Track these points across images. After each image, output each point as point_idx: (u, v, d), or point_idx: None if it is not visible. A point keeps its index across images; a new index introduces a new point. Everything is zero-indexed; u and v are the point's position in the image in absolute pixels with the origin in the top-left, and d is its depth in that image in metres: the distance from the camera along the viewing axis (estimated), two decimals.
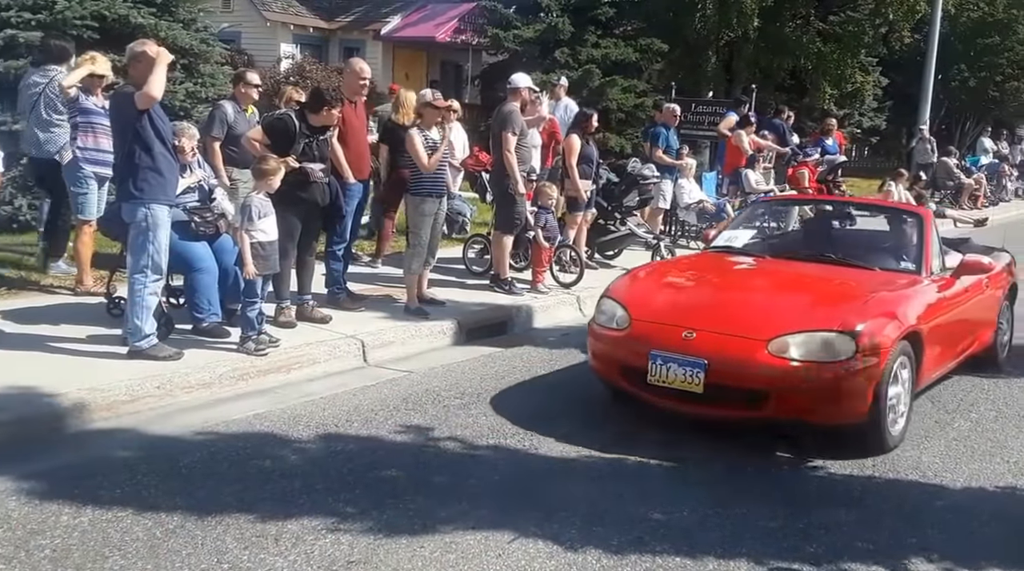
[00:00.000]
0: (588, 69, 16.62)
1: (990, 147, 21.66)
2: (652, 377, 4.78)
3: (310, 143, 6.13)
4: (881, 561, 3.64)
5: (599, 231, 9.52)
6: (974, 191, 18.81)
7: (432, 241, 7.09)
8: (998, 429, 5.35)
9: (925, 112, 21.08)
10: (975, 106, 27.24)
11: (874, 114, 25.24)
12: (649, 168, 9.71)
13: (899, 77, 23.84)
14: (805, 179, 13.62)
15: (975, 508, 4.24)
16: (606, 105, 16.28)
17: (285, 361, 5.69)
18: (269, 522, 3.71)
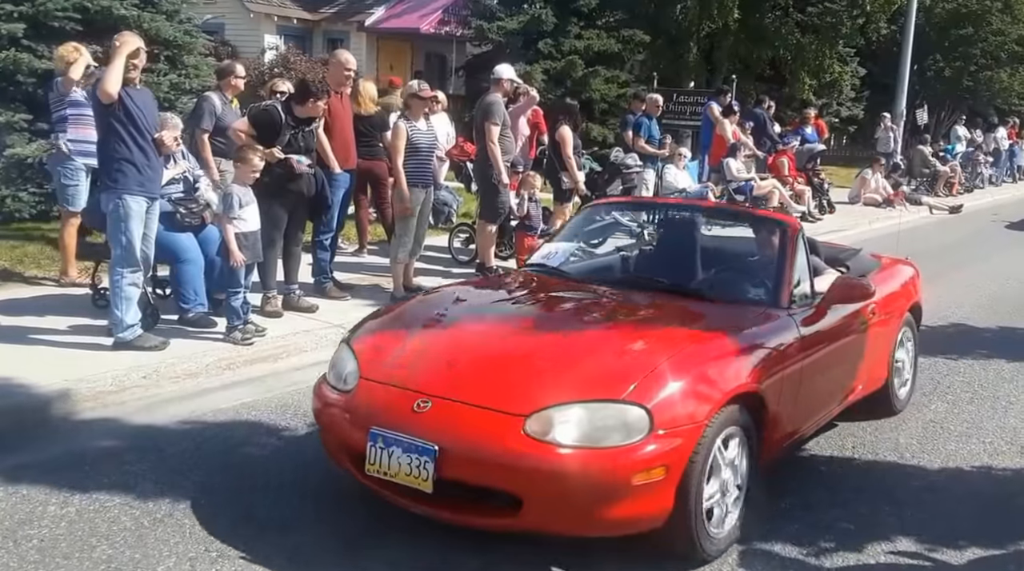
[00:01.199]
0: (571, 60, 16.66)
1: (964, 135, 21.92)
2: (370, 465, 3.38)
3: (296, 134, 6.14)
4: (860, 539, 3.73)
5: None
6: (949, 178, 19.03)
7: (419, 230, 7.13)
8: (973, 411, 5.46)
9: (901, 102, 21.29)
10: (950, 95, 27.52)
11: (852, 104, 25.44)
12: (632, 157, 9.79)
13: (876, 67, 24.04)
14: (785, 167, 13.76)
15: (952, 488, 4.34)
16: (589, 96, 16.33)
17: (272, 350, 5.71)
18: (259, 509, 3.74)
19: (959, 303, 8.48)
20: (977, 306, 8.48)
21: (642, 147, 10.76)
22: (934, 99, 27.62)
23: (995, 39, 25.85)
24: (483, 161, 7.83)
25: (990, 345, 7.02)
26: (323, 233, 6.98)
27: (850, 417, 5.14)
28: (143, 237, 5.39)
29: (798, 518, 3.90)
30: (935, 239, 12.75)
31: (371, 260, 8.44)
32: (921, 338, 7.09)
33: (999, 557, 3.66)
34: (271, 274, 6.33)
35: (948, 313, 8.11)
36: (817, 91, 22.40)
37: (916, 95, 24.77)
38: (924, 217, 16.15)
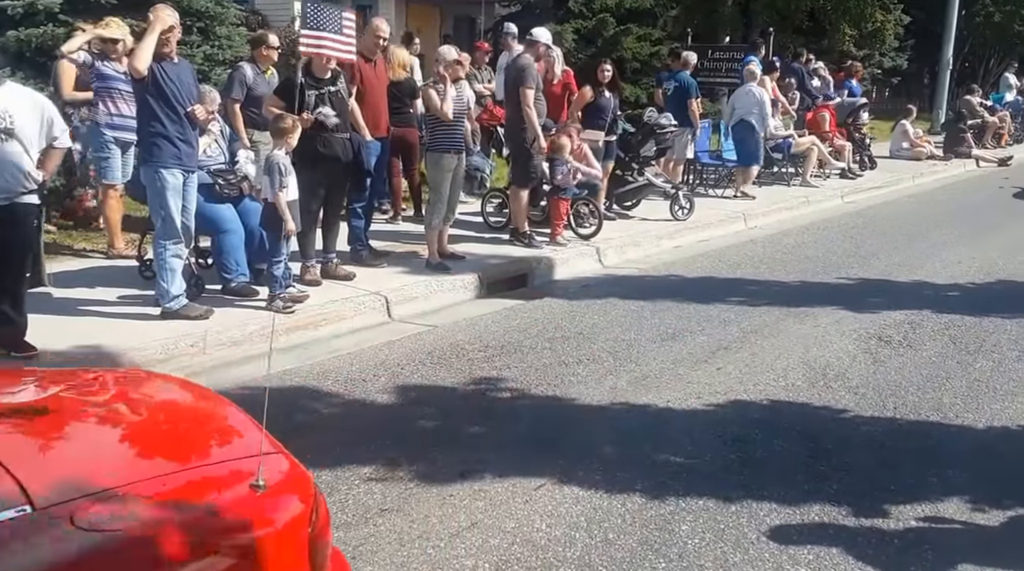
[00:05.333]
0: (602, 18, 16.39)
1: (1015, 84, 21.21)
2: None
3: (321, 96, 6.20)
4: (903, 500, 3.72)
5: (617, 182, 9.53)
6: (998, 129, 18.52)
7: (452, 197, 7.17)
8: (1021, 369, 5.37)
9: (948, 50, 20.66)
10: (1000, 42, 26.59)
11: (895, 54, 24.71)
12: (666, 117, 9.67)
13: (921, 14, 23.29)
14: (826, 123, 13.49)
15: (997, 448, 4.30)
16: (620, 54, 16.09)
17: (312, 318, 5.82)
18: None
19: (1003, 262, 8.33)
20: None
21: (694, 111, 10.72)
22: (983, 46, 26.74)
23: None
24: (515, 125, 7.79)
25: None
26: (358, 201, 7.05)
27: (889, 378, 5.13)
28: (183, 209, 5.52)
29: (838, 479, 3.90)
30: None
31: (406, 227, 8.51)
32: (965, 295, 7.07)
33: None
34: (310, 243, 6.42)
35: (994, 270, 7.99)
36: (858, 42, 21.81)
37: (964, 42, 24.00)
38: (970, 170, 15.78)
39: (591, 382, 5.03)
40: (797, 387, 5.01)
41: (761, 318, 6.34)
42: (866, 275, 7.77)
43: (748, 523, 3.51)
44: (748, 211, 10.35)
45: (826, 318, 6.35)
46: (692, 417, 4.59)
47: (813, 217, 10.82)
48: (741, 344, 5.75)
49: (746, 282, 7.48)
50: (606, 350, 5.59)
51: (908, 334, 6.01)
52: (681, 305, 6.63)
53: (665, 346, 5.69)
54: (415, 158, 8.55)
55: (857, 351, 5.65)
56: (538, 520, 3.50)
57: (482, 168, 9.61)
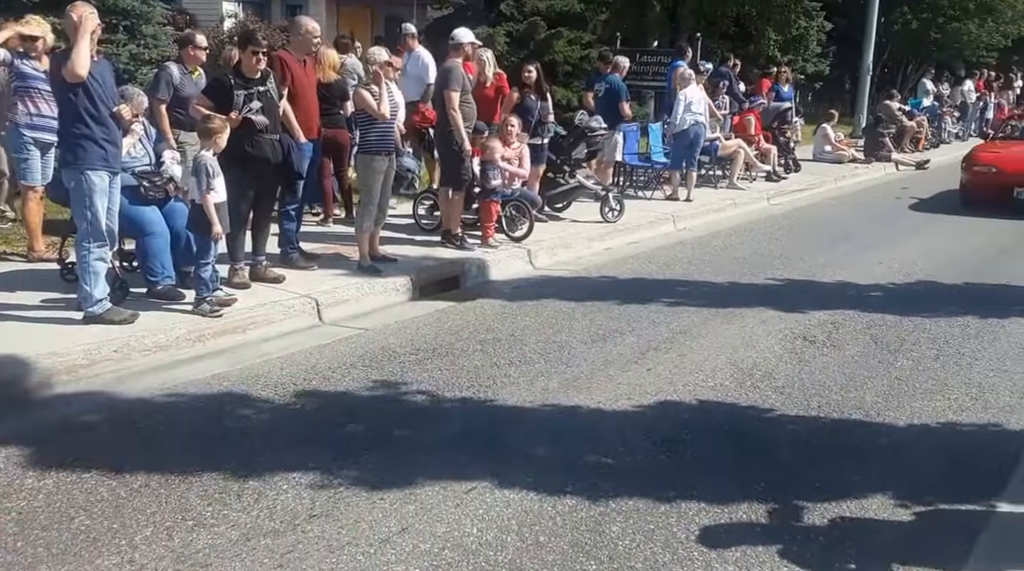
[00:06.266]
0: (533, 22, 16.48)
1: (931, 89, 22.04)
2: None
3: (249, 95, 6.11)
4: (827, 497, 3.80)
5: (548, 184, 9.60)
6: (916, 134, 19.20)
7: (383, 198, 7.13)
8: (939, 368, 5.55)
9: (868, 56, 21.36)
10: (917, 49, 27.58)
11: (818, 60, 25.44)
12: (596, 120, 9.78)
13: (843, 21, 24.02)
14: (751, 126, 13.82)
15: (917, 445, 4.43)
16: (552, 58, 16.20)
17: (241, 322, 5.72)
18: (231, 479, 3.79)
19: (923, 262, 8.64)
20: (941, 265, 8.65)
21: (627, 112, 10.88)
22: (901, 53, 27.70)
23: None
24: (444, 128, 7.80)
25: (956, 302, 7.14)
26: (290, 203, 6.96)
27: (813, 377, 5.29)
28: (107, 211, 5.36)
29: (765, 478, 3.98)
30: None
31: (337, 229, 8.43)
32: (886, 295, 7.32)
33: (963, 512, 3.76)
34: (239, 246, 6.32)
35: (913, 271, 8.29)
36: (783, 47, 22.37)
37: (883, 49, 24.83)
38: (891, 173, 16.35)
39: (522, 384, 5.05)
40: (725, 387, 5.12)
41: (690, 319, 6.45)
42: (792, 276, 7.98)
43: (677, 523, 3.57)
44: (677, 213, 10.53)
45: (753, 318, 6.50)
46: (622, 418, 4.64)
47: (740, 219, 11.07)
48: (670, 345, 5.84)
49: (675, 283, 7.61)
50: (537, 352, 5.62)
51: (832, 334, 6.18)
52: (611, 306, 6.71)
53: (596, 347, 5.74)
54: (345, 160, 8.47)
55: (783, 351, 5.79)
56: (469, 524, 3.50)
57: (412, 169, 9.57)
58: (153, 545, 3.29)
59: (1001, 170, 11.75)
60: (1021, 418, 4.77)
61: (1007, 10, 27.08)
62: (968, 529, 3.61)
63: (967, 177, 12.14)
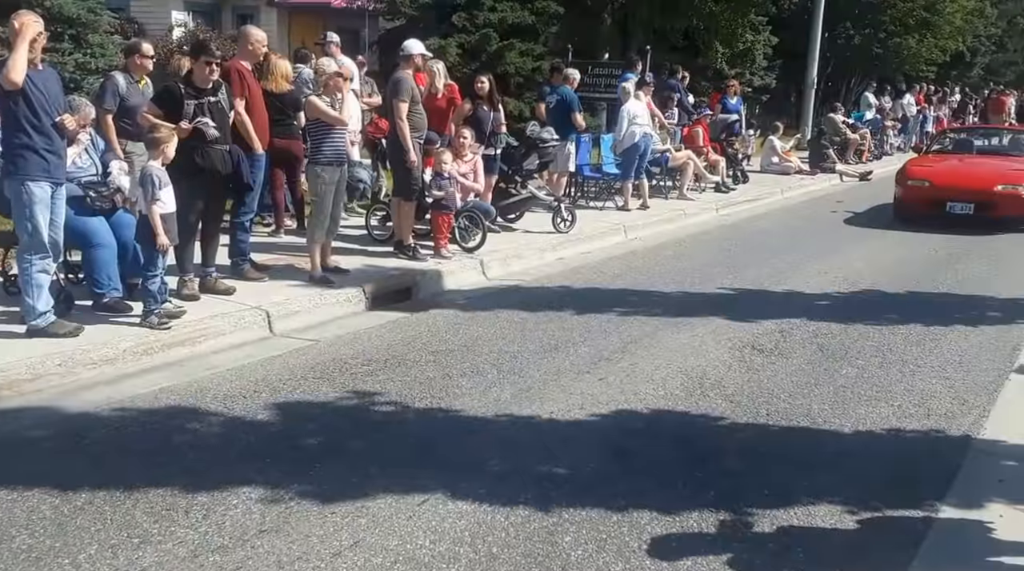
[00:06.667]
0: (485, 33, 16.54)
1: (874, 103, 22.65)
2: None
3: (200, 105, 6.04)
4: (776, 505, 3.86)
5: (501, 195, 9.63)
6: (859, 146, 19.68)
7: (334, 209, 7.10)
8: (882, 375, 5.67)
9: (813, 70, 21.91)
10: (859, 63, 28.31)
11: (765, 73, 25.96)
12: (548, 131, 9.85)
13: (788, 35, 24.55)
14: (700, 138, 14.05)
15: (863, 451, 4.51)
16: (504, 69, 16.27)
17: (189, 334, 5.64)
18: (179, 495, 3.72)
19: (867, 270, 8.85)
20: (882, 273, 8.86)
21: (580, 123, 10.98)
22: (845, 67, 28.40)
23: (903, 5, 26.53)
24: (394, 138, 7.80)
25: (899, 310, 7.31)
26: (242, 214, 6.89)
27: (762, 385, 5.38)
28: (51, 223, 5.26)
29: (715, 486, 4.03)
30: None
31: (289, 240, 8.35)
32: (832, 304, 7.48)
33: (908, 518, 3.83)
34: (188, 257, 6.25)
35: (858, 280, 8.48)
36: (730, 60, 22.78)
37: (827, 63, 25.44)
38: (835, 184, 16.72)
39: (475, 395, 5.05)
40: (676, 396, 5.18)
41: (641, 328, 6.52)
42: (740, 285, 8.12)
43: (630, 532, 3.60)
44: (628, 223, 10.64)
45: (703, 328, 6.59)
46: (575, 428, 4.67)
47: (690, 229, 11.23)
48: (622, 354, 5.90)
49: (627, 293, 7.69)
50: (490, 362, 5.63)
51: (780, 343, 6.30)
52: (564, 316, 6.75)
53: (548, 357, 5.77)
54: (298, 170, 8.41)
55: (732, 360, 5.88)
56: (422, 536, 3.49)
57: (364, 180, 9.54)
58: (97, 564, 3.22)
59: (933, 184, 11.81)
60: (962, 424, 4.90)
61: (945, 26, 27.98)
62: (912, 534, 3.70)
63: (901, 191, 12.21)
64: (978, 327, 6.84)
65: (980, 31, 32.82)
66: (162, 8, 20.60)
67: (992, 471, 4.34)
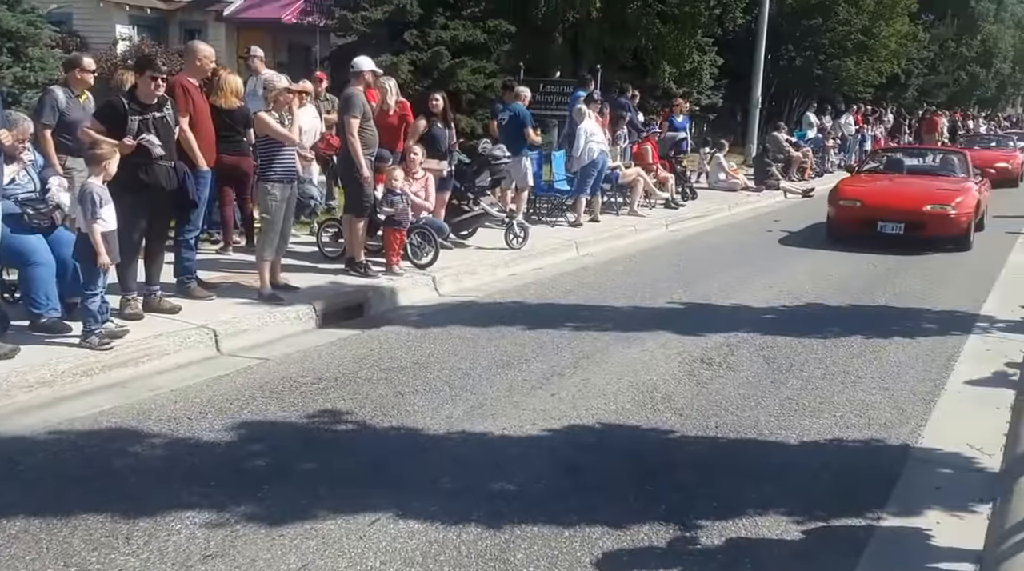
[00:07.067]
0: (437, 51, 16.61)
1: (815, 122, 23.28)
2: None
3: (144, 121, 5.93)
4: (725, 516, 3.90)
5: (453, 211, 9.63)
6: (802, 163, 20.16)
7: (284, 226, 7.02)
8: (826, 386, 5.78)
9: (757, 90, 22.42)
10: (801, 83, 29.09)
11: (711, 92, 26.47)
12: (500, 148, 9.90)
13: (733, 56, 25.09)
14: (649, 155, 14.23)
15: (807, 462, 4.58)
16: (456, 86, 16.34)
17: (132, 355, 5.50)
18: (119, 521, 3.61)
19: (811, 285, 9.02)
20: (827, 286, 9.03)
21: (534, 139, 11.04)
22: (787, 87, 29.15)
23: (841, 29, 27.52)
24: (346, 155, 7.76)
25: (841, 323, 7.45)
26: (188, 231, 6.77)
27: (711, 398, 5.43)
28: None
29: (665, 499, 4.05)
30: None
31: (237, 257, 8.23)
32: (778, 317, 7.60)
33: (851, 526, 3.90)
34: (131, 275, 6.11)
35: (802, 294, 8.64)
36: (678, 80, 23.19)
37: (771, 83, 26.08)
38: (779, 200, 17.07)
39: (427, 412, 5.02)
40: (627, 410, 5.20)
41: (593, 344, 6.55)
42: (690, 300, 8.21)
43: (581, 547, 3.59)
44: (580, 239, 10.71)
45: (653, 342, 6.64)
46: (527, 444, 4.66)
47: (641, 245, 11.35)
48: (574, 369, 5.91)
49: (579, 308, 7.72)
50: (442, 379, 5.60)
51: (727, 356, 6.38)
52: (516, 332, 6.75)
53: (501, 374, 5.76)
54: (248, 187, 8.31)
55: (682, 373, 5.94)
56: (372, 557, 3.43)
57: (315, 196, 9.46)
58: None
59: (865, 204, 11.81)
60: (900, 433, 5.01)
61: (880, 49, 29.14)
62: (854, 543, 3.75)
63: (833, 211, 12.16)
64: (915, 339, 7.02)
65: (913, 54, 34.10)
66: (106, 22, 20.28)
67: (929, 479, 4.44)
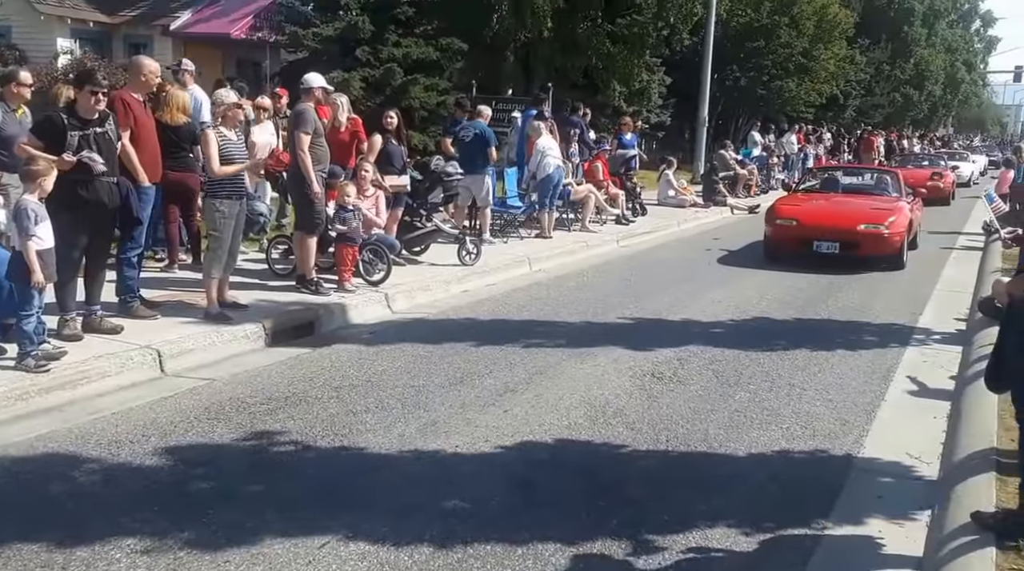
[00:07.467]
0: (389, 68, 16.59)
1: (759, 140, 23.79)
2: None
3: (85, 137, 5.79)
4: (676, 529, 3.90)
5: (406, 228, 9.57)
6: (747, 181, 20.53)
7: (233, 243, 6.91)
8: (772, 399, 5.85)
9: (704, 109, 22.86)
10: (746, 103, 29.74)
11: (660, 110, 26.88)
12: (452, 165, 9.88)
13: (680, 76, 25.52)
14: (599, 172, 14.34)
15: (755, 474, 4.62)
16: (409, 103, 16.32)
17: (70, 377, 5.33)
18: (56, 551, 3.47)
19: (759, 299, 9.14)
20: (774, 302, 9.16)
21: (495, 158, 11.06)
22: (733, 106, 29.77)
23: (783, 51, 28.28)
24: (296, 171, 7.67)
25: (787, 337, 7.56)
26: (131, 249, 6.61)
27: (661, 412, 5.44)
28: None
29: (618, 514, 4.05)
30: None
31: (183, 275, 8.06)
32: (726, 331, 7.68)
33: (797, 536, 3.94)
34: (70, 295, 5.92)
35: (749, 308, 8.75)
36: (628, 98, 23.50)
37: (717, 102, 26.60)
38: (726, 217, 17.33)
39: (379, 431, 4.94)
40: (579, 425, 5.19)
41: (546, 359, 6.53)
42: (641, 315, 8.26)
43: (534, 565, 3.56)
44: (532, 255, 10.72)
45: (605, 357, 6.65)
46: (480, 461, 4.62)
47: (592, 261, 11.40)
48: (527, 385, 5.89)
49: (532, 324, 7.71)
50: (395, 397, 5.53)
51: (678, 370, 6.41)
52: (469, 349, 6.71)
53: (454, 391, 5.71)
54: (195, 204, 8.15)
55: (633, 388, 5.95)
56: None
57: (264, 213, 9.32)
58: None
59: (801, 223, 11.65)
60: (844, 444, 5.08)
61: (820, 71, 30.18)
62: (801, 552, 3.79)
63: (770, 230, 11.99)
64: (856, 351, 7.15)
65: (851, 76, 35.28)
66: (47, 35, 19.83)
67: (871, 488, 4.51)
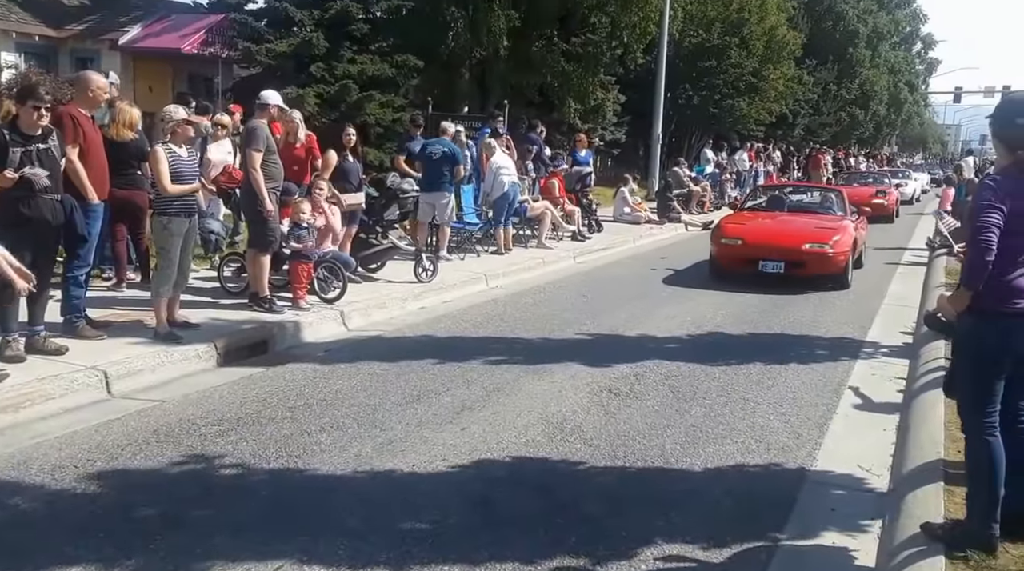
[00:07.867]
0: (345, 84, 16.53)
1: (712, 158, 24.18)
2: None
3: (27, 153, 5.65)
4: (634, 546, 3.89)
5: (361, 245, 9.50)
6: (701, 197, 20.82)
7: (183, 261, 6.78)
8: (728, 413, 5.90)
9: (658, 126, 23.19)
10: (699, 121, 30.24)
11: (615, 128, 27.18)
12: (408, 182, 9.86)
13: (635, 94, 25.85)
14: (556, 189, 14.42)
15: (711, 488, 4.64)
16: (364, 120, 16.27)
17: (12, 399, 5.17)
18: None
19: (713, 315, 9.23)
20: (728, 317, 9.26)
21: (461, 175, 11.04)
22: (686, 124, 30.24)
23: (734, 71, 28.84)
24: (249, 189, 7.58)
25: (741, 352, 7.64)
26: (77, 267, 6.45)
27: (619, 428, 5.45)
28: None
29: (576, 531, 4.02)
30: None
31: (131, 294, 7.89)
32: (682, 347, 7.74)
33: (753, 549, 3.96)
34: (11, 315, 5.75)
35: (704, 323, 8.83)
36: (583, 116, 23.72)
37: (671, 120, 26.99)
38: (681, 233, 17.53)
39: (334, 451, 4.87)
40: (537, 442, 5.17)
41: (503, 376, 6.51)
42: (597, 331, 8.28)
43: None
44: (489, 272, 10.71)
45: (562, 373, 6.65)
46: (437, 480, 4.57)
47: (549, 277, 11.43)
48: (484, 403, 5.85)
49: (489, 341, 7.68)
50: (350, 416, 5.46)
51: (634, 386, 6.43)
52: (426, 366, 6.66)
53: (410, 409, 5.66)
54: (143, 222, 8.00)
55: (590, 404, 5.95)
56: None
57: (217, 231, 9.19)
58: None
59: (746, 242, 11.50)
60: (797, 457, 5.14)
61: (770, 91, 30.92)
62: (756, 565, 3.82)
63: (716, 249, 11.80)
64: (808, 365, 7.25)
65: (799, 96, 36.14)
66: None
67: (825, 500, 4.56)
